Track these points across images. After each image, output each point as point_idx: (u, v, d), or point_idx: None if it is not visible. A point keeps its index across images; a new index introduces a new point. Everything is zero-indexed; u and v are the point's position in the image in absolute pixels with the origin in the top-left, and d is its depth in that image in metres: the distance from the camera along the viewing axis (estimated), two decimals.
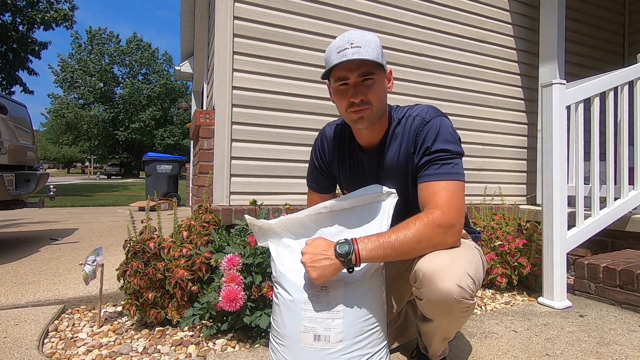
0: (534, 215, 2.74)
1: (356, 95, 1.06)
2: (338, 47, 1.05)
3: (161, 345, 1.44)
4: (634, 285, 1.79)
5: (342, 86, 1.09)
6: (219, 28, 2.34)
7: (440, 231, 1.00)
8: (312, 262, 0.98)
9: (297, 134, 2.54)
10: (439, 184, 1.05)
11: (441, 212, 1.01)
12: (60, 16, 13.26)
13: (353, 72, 1.05)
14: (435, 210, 1.01)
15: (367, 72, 1.05)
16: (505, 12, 3.25)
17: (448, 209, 1.01)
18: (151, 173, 6.78)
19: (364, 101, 1.07)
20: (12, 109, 3.23)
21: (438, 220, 1.00)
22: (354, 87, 1.07)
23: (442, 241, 1.01)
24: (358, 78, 1.06)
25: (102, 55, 35.17)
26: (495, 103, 3.21)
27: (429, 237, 0.99)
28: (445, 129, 1.10)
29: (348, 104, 1.09)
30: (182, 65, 6.79)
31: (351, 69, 1.05)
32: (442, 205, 1.02)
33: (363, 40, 1.04)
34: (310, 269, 0.98)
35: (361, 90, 1.07)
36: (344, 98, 1.09)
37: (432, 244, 1.00)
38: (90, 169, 46.84)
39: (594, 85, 2.10)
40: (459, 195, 1.05)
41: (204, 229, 1.76)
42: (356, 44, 1.03)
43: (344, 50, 1.03)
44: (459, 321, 1.05)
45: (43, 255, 2.77)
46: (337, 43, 1.06)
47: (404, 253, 1.00)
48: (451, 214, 1.01)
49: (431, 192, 1.06)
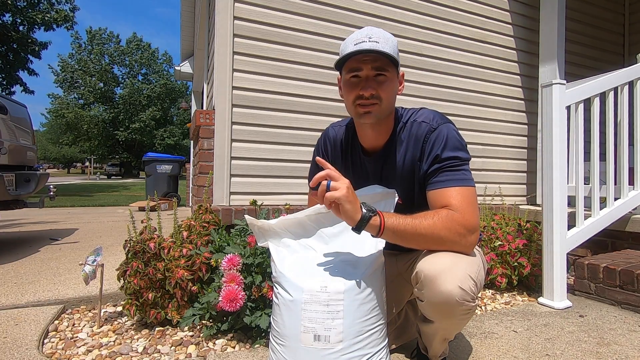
0: (534, 215, 2.74)
1: (366, 88, 1.05)
2: (356, 40, 1.04)
3: (161, 345, 1.44)
4: (634, 286, 1.79)
5: (354, 78, 1.08)
6: (219, 28, 2.34)
7: (458, 230, 0.99)
8: (351, 192, 0.95)
9: (297, 134, 2.54)
10: (453, 190, 1.04)
11: (459, 213, 1.00)
12: (60, 17, 13.27)
13: (367, 65, 1.04)
14: (454, 210, 1.00)
15: (381, 67, 1.05)
16: (505, 12, 3.25)
17: (466, 212, 1.01)
18: (151, 173, 6.78)
19: (373, 95, 1.05)
20: (12, 109, 3.23)
21: (457, 218, 0.99)
22: (366, 80, 1.06)
23: (457, 240, 0.99)
24: (371, 71, 1.05)
25: (102, 56, 35.17)
26: (495, 103, 3.21)
27: (446, 230, 0.98)
28: (453, 136, 1.09)
29: (356, 96, 1.07)
30: (182, 66, 6.78)
31: (365, 62, 1.04)
32: (460, 208, 1.01)
33: (382, 37, 1.04)
34: (347, 190, 0.93)
35: (372, 84, 1.05)
36: (354, 90, 1.08)
37: (448, 237, 0.98)
38: (90, 169, 46.83)
39: (594, 86, 2.10)
40: (475, 201, 1.05)
41: (204, 229, 1.76)
42: (374, 39, 1.03)
43: (361, 42, 1.03)
44: (460, 323, 1.05)
45: (43, 255, 2.77)
46: (356, 36, 1.06)
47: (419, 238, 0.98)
48: (469, 217, 1.01)
49: (446, 197, 1.04)
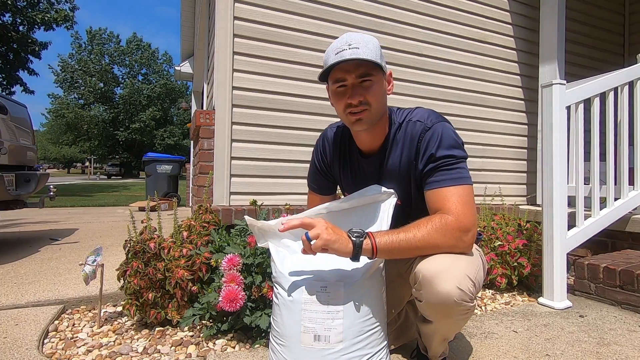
0: (534, 215, 2.74)
1: (354, 96, 1.04)
2: (336, 49, 1.03)
3: (161, 345, 1.44)
4: (634, 286, 1.79)
5: (340, 88, 1.07)
6: (219, 28, 2.34)
7: (453, 235, 0.99)
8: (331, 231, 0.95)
9: (297, 134, 2.54)
10: (448, 190, 1.04)
11: (454, 216, 1.00)
12: (60, 17, 13.26)
13: (351, 74, 1.03)
14: (448, 215, 1.00)
15: (365, 73, 1.03)
16: (505, 13, 3.25)
17: (461, 214, 1.00)
18: (151, 173, 6.78)
19: (362, 102, 1.05)
20: (13, 109, 3.23)
21: (450, 223, 0.99)
22: (352, 88, 1.05)
23: (454, 244, 0.99)
24: (356, 79, 1.04)
25: (102, 56, 35.19)
26: (495, 103, 3.21)
27: (440, 238, 0.98)
28: (448, 135, 1.08)
29: (345, 105, 1.07)
30: (182, 66, 6.78)
31: (349, 70, 1.03)
32: (456, 210, 1.00)
33: (361, 42, 1.02)
34: (326, 232, 0.94)
35: (359, 91, 1.04)
36: (342, 99, 1.07)
37: (444, 245, 0.99)
38: (90, 169, 46.81)
39: (594, 86, 2.10)
40: (471, 199, 1.04)
41: (204, 229, 1.76)
42: (354, 45, 1.01)
43: (341, 51, 1.01)
44: (458, 323, 1.05)
45: (43, 255, 2.77)
46: (335, 45, 1.04)
47: (414, 250, 0.99)
48: (464, 219, 1.00)
49: (441, 198, 1.04)
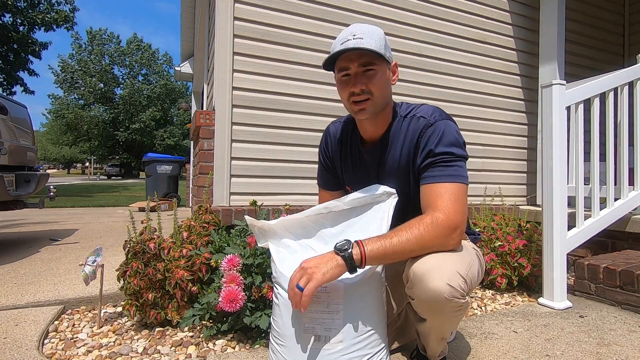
0: (534, 215, 2.74)
1: (356, 84, 1.07)
2: (342, 39, 1.06)
3: (161, 345, 1.44)
4: (634, 286, 1.79)
5: (344, 77, 1.10)
6: (219, 29, 2.34)
7: (443, 233, 1.00)
8: (317, 265, 0.95)
9: (297, 134, 2.54)
10: (442, 186, 1.05)
11: (444, 214, 1.01)
12: (61, 17, 13.29)
13: (354, 62, 1.07)
14: (438, 213, 1.01)
15: (368, 62, 1.06)
16: (505, 13, 3.25)
17: (451, 212, 1.01)
18: (151, 173, 6.78)
19: (364, 91, 1.07)
20: (13, 109, 3.23)
21: (441, 222, 1.00)
22: (355, 77, 1.08)
23: (444, 243, 1.01)
24: (359, 68, 1.07)
25: (103, 56, 35.18)
26: (495, 104, 3.21)
27: (432, 239, 0.99)
28: (450, 133, 1.09)
29: (349, 93, 1.10)
30: (183, 66, 6.79)
31: (352, 59, 1.06)
32: (445, 208, 1.01)
33: (366, 32, 1.05)
34: (316, 270, 0.93)
35: (362, 79, 1.07)
36: (346, 88, 1.10)
37: (435, 245, 1.00)
38: (90, 169, 46.86)
39: (593, 86, 2.10)
40: (462, 198, 1.05)
41: (204, 230, 1.76)
42: (358, 35, 1.04)
43: (346, 41, 1.05)
44: (452, 320, 1.05)
45: (43, 255, 2.77)
46: (342, 35, 1.08)
47: (408, 254, 1.00)
48: (454, 217, 1.01)
49: (434, 194, 1.05)
